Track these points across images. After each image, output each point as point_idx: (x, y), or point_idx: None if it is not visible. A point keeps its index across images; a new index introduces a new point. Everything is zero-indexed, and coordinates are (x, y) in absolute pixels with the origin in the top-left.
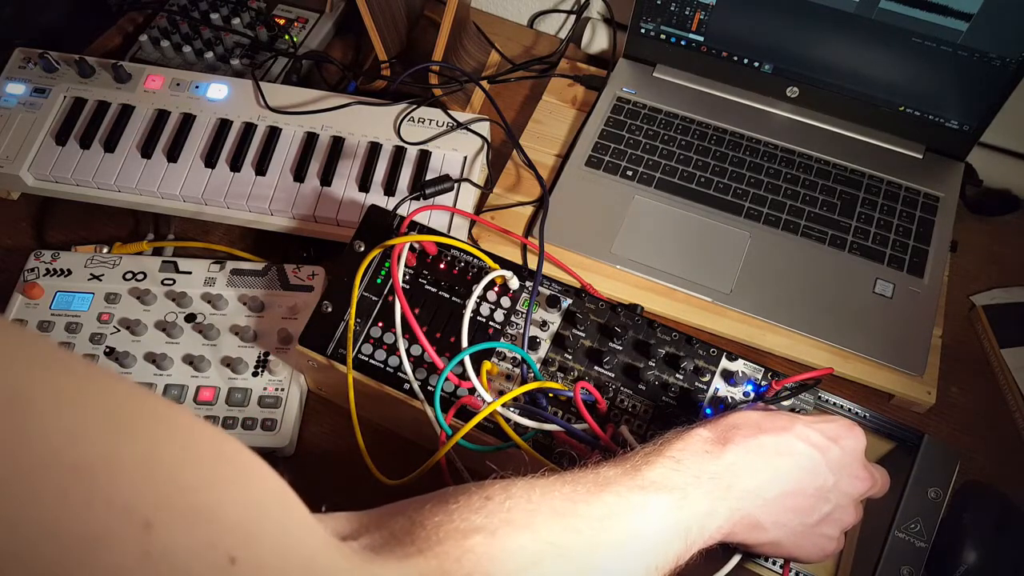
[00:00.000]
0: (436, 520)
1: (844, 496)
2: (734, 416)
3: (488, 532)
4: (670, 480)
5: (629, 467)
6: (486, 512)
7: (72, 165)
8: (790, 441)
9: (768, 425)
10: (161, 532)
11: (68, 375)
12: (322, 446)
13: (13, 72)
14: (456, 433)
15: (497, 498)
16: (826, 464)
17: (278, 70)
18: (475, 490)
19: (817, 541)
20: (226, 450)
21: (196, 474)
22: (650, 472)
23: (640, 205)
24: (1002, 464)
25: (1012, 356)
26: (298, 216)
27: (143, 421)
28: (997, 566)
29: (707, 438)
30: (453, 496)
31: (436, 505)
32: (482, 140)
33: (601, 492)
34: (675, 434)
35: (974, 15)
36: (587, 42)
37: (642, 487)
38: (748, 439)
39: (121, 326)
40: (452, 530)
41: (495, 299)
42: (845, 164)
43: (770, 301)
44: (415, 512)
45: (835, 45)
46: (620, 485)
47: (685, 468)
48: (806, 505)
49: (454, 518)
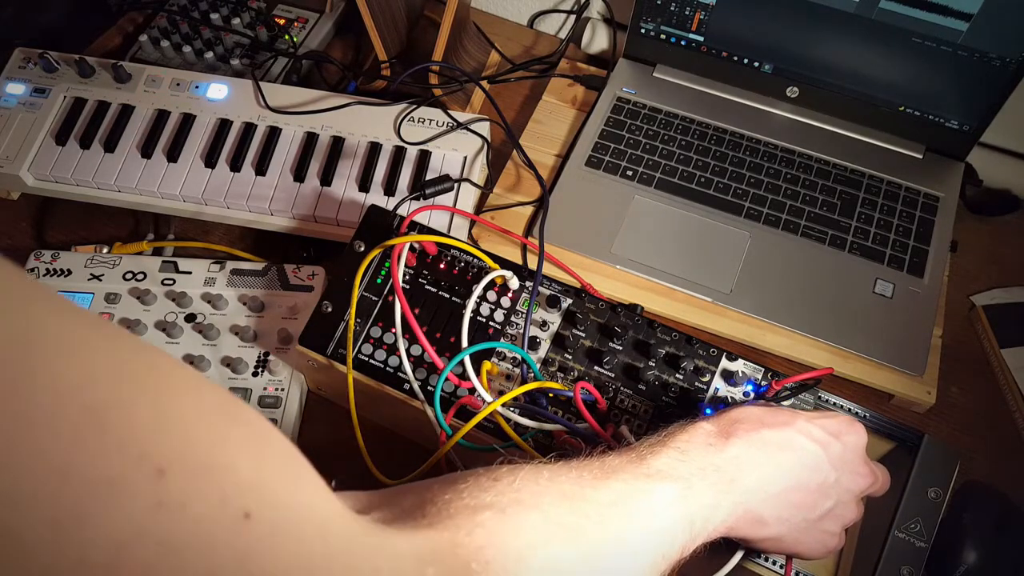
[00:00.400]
0: (446, 497)
1: (846, 492)
2: (736, 411)
3: (498, 509)
4: (675, 470)
5: (634, 456)
6: (496, 491)
7: (72, 165)
8: (792, 436)
9: (770, 420)
10: (174, 482)
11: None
12: (322, 446)
13: (13, 72)
14: (456, 433)
15: (505, 479)
16: (828, 460)
17: (278, 70)
18: (483, 472)
19: (818, 537)
20: (240, 413)
21: (209, 431)
22: (655, 461)
23: (640, 205)
24: (1002, 464)
25: (1012, 356)
26: (298, 216)
27: (156, 373)
28: (997, 566)
29: (710, 431)
30: (462, 478)
31: (444, 485)
32: (482, 140)
33: (608, 479)
34: (679, 427)
35: (974, 15)
36: (587, 42)
37: (648, 475)
38: (750, 433)
39: (121, 326)
40: (462, 506)
41: (495, 299)
42: (845, 164)
43: (770, 301)
44: (424, 491)
45: (835, 45)
46: (626, 472)
47: (690, 459)
48: (808, 501)
49: (464, 496)
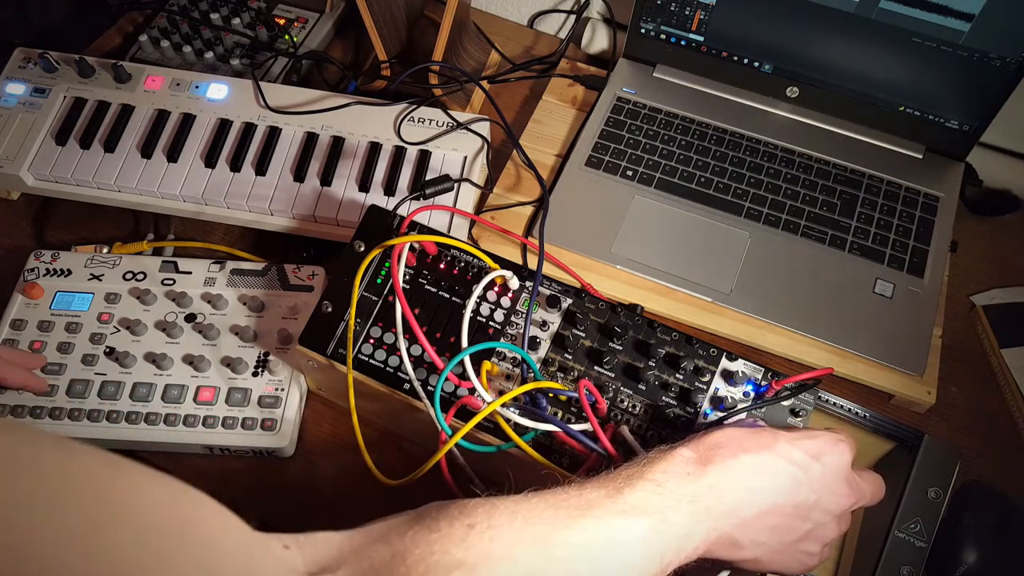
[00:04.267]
0: (417, 552)
1: (825, 513)
2: (717, 434)
3: (468, 567)
4: (650, 504)
5: (612, 489)
6: (467, 545)
7: (72, 165)
8: (770, 460)
9: (750, 444)
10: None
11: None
12: (322, 446)
13: (13, 72)
14: (456, 433)
15: (479, 526)
16: (807, 482)
17: (278, 70)
18: (457, 515)
19: (797, 557)
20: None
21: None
22: (631, 495)
23: (640, 205)
24: (1002, 464)
25: (1012, 356)
26: (298, 216)
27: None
28: (997, 566)
29: (689, 459)
30: (435, 521)
31: (418, 533)
32: (482, 140)
33: (582, 517)
34: (658, 453)
35: (976, 15)
36: (587, 42)
37: (623, 511)
38: (728, 459)
39: (121, 326)
40: (433, 564)
41: (495, 299)
42: (845, 164)
43: (770, 301)
44: (398, 540)
45: (835, 45)
46: (601, 508)
47: (666, 491)
48: (784, 524)
49: (435, 550)
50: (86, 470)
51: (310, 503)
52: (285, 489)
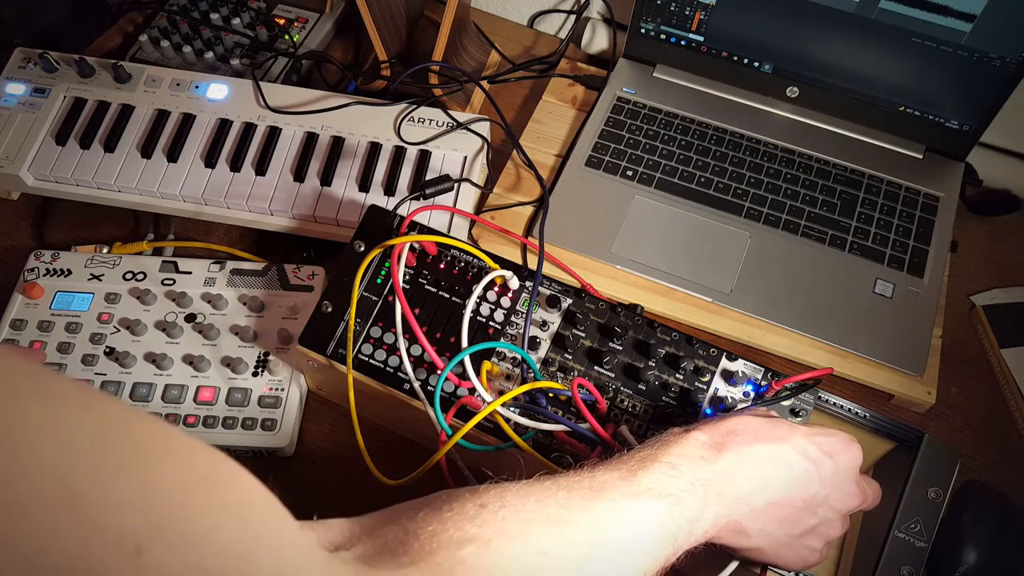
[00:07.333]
0: (430, 529)
1: (832, 511)
2: (734, 420)
3: (482, 542)
4: (665, 486)
5: (625, 471)
6: (480, 521)
7: (72, 165)
8: (786, 452)
9: (766, 434)
10: (152, 557)
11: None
12: (322, 446)
13: (13, 72)
14: (456, 433)
15: (492, 506)
16: (818, 478)
17: (278, 70)
18: (469, 496)
19: (800, 552)
20: (221, 475)
21: (189, 501)
22: (646, 477)
23: (640, 205)
24: (1002, 464)
25: (1012, 356)
26: (298, 216)
27: (138, 449)
28: (997, 566)
29: (704, 443)
30: (447, 503)
31: (430, 512)
32: (482, 140)
33: (596, 499)
34: (673, 436)
35: (978, 16)
36: (587, 42)
37: (637, 493)
38: (744, 446)
39: (121, 326)
40: (446, 540)
41: (495, 299)
42: (845, 164)
43: (770, 301)
44: (408, 520)
45: (835, 45)
46: (615, 490)
47: (680, 474)
48: (792, 517)
49: (448, 527)
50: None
51: (310, 503)
52: (285, 489)
